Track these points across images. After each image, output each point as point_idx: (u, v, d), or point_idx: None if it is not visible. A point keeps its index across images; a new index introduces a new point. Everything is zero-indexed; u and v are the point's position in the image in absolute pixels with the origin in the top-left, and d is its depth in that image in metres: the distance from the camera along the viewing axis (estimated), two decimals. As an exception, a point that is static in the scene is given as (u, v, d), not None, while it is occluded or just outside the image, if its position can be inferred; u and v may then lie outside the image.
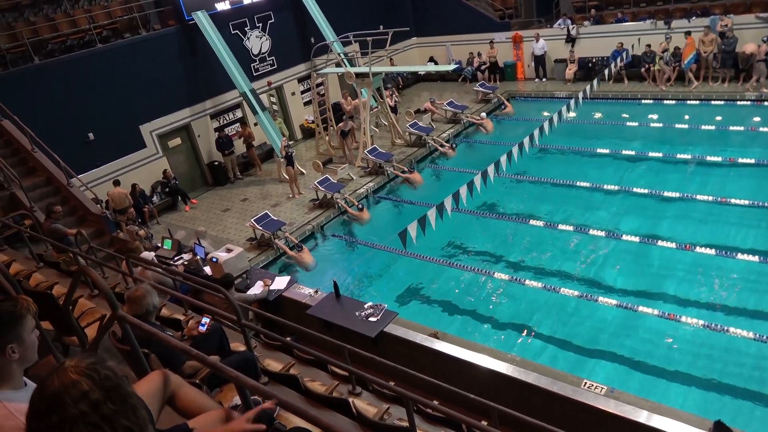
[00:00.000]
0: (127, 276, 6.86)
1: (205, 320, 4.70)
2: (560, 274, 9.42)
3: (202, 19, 14.64)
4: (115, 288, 7.08)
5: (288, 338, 5.81)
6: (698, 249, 9.32)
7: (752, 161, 11.92)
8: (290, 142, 14.80)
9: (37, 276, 6.62)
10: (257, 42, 16.57)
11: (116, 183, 12.56)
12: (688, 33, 15.81)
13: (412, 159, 14.91)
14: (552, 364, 6.96)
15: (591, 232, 10.39)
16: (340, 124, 15.23)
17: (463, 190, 9.58)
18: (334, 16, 17.55)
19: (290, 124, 17.95)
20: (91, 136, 13.06)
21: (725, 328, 7.48)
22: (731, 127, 13.80)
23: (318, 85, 16.58)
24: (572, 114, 13.74)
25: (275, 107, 17.53)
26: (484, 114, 16.59)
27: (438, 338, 6.92)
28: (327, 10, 17.41)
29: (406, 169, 13.70)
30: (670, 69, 16.02)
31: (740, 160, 12.07)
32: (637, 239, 9.88)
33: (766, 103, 14.40)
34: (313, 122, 16.99)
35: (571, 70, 18.08)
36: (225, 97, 15.75)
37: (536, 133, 11.32)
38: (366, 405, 4.61)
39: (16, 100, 11.46)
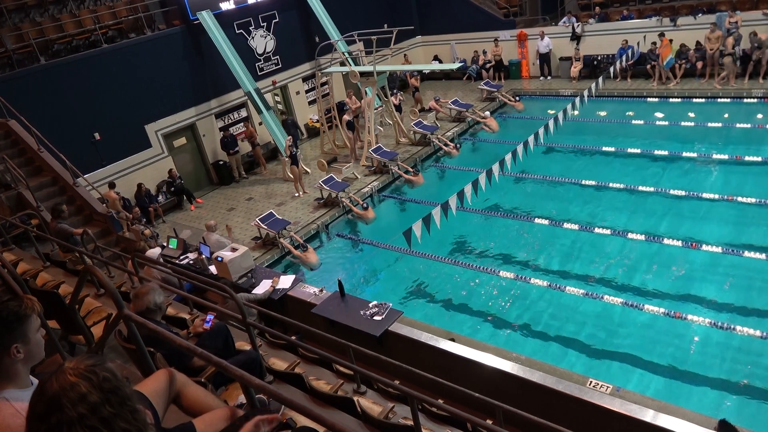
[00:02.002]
0: (133, 275, 6.89)
1: (210, 317, 4.72)
2: (565, 273, 9.40)
3: (206, 18, 14.67)
4: (121, 287, 7.11)
5: (293, 337, 5.82)
6: (704, 247, 9.27)
7: (759, 159, 11.84)
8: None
9: (44, 275, 6.65)
10: (262, 41, 16.59)
11: (111, 186, 12.52)
12: (662, 34, 15.78)
13: (416, 158, 14.90)
14: (557, 363, 6.94)
15: (596, 230, 10.36)
16: (344, 116, 15.25)
17: (468, 189, 9.56)
18: (338, 15, 17.56)
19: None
20: (96, 135, 13.12)
21: (732, 327, 7.44)
22: (738, 125, 13.71)
23: (323, 84, 16.59)
24: (577, 112, 13.69)
25: (280, 106, 17.56)
26: (487, 113, 16.55)
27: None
28: (331, 10, 17.42)
29: (410, 170, 13.68)
30: (735, 66, 15.13)
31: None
32: (642, 237, 9.84)
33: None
34: (317, 121, 17.01)
35: (576, 68, 18.02)
36: (230, 96, 15.79)
37: (541, 131, 11.29)
38: (371, 404, 4.61)
39: (22, 101, 11.53)
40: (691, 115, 14.71)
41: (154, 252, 9.07)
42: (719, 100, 15.03)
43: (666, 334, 7.69)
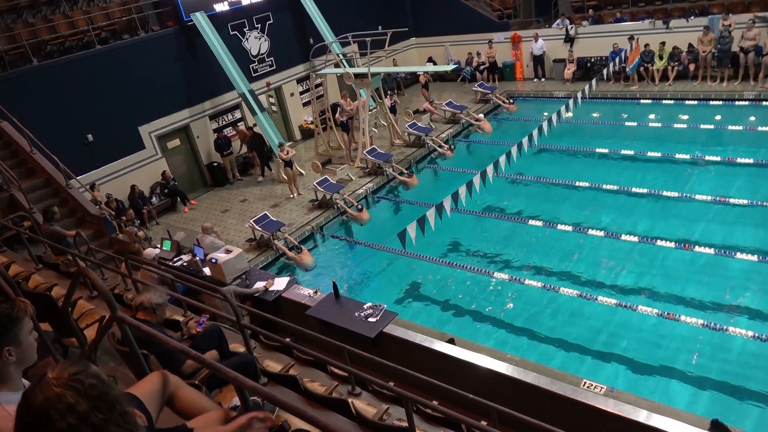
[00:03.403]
0: (127, 277, 6.86)
1: (203, 320, 4.73)
2: (559, 274, 9.42)
3: (200, 20, 14.64)
4: (114, 289, 7.09)
5: (287, 339, 5.81)
6: (697, 248, 9.32)
7: (751, 161, 11.93)
8: (290, 143, 14.83)
9: (37, 277, 6.61)
10: (256, 43, 16.57)
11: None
12: (631, 38, 16.02)
13: (411, 160, 14.92)
14: (551, 364, 6.96)
15: (590, 231, 10.40)
16: (336, 115, 15.22)
17: (462, 191, 9.59)
18: (332, 16, 17.55)
19: (289, 124, 17.96)
20: (90, 137, 13.05)
21: (724, 327, 7.48)
22: (730, 127, 13.81)
23: (317, 86, 16.59)
24: (571, 114, 13.75)
25: (274, 108, 17.54)
26: (481, 115, 16.60)
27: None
28: (326, 11, 17.42)
29: (405, 171, 13.69)
30: None
31: (739, 160, 12.08)
32: (636, 239, 9.88)
33: (764, 103, 14.42)
34: (312, 123, 17.00)
35: (569, 70, 18.09)
36: (224, 98, 15.75)
37: (535, 133, 11.34)
38: (365, 405, 4.61)
39: (15, 102, 11.46)
40: (684, 117, 14.80)
41: (152, 252, 9.02)
42: (711, 102, 15.14)
43: (659, 335, 7.72)
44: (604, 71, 14.84)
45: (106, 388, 1.39)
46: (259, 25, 16.58)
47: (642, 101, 16.23)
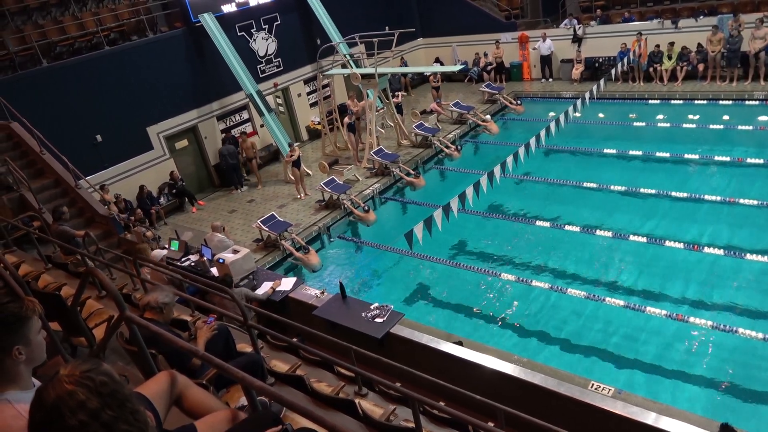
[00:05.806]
0: (135, 277, 6.90)
1: (210, 320, 4.75)
2: (567, 275, 9.39)
3: (208, 21, 14.70)
4: (123, 289, 7.12)
5: (294, 339, 5.82)
6: (706, 249, 9.26)
7: (761, 161, 11.83)
8: (297, 143, 14.82)
9: (46, 277, 6.66)
10: (263, 43, 16.62)
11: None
12: (639, 33, 16.02)
13: (418, 160, 14.91)
14: (558, 365, 6.93)
15: (598, 232, 10.34)
16: (345, 118, 15.23)
17: (470, 191, 9.58)
18: (339, 17, 17.58)
19: (296, 125, 18.00)
20: (98, 138, 13.14)
21: (734, 329, 7.42)
22: (739, 127, 13.70)
23: (324, 87, 16.61)
24: (579, 114, 13.68)
25: (281, 108, 17.58)
26: (488, 116, 16.55)
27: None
28: (333, 12, 17.45)
29: (411, 172, 13.67)
30: None
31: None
32: (644, 239, 9.83)
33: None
34: (318, 123, 17.03)
35: (577, 70, 18.01)
36: (231, 98, 15.81)
37: (543, 133, 11.30)
38: (372, 406, 4.61)
39: (24, 103, 11.55)
40: (693, 117, 14.69)
41: (159, 253, 9.07)
42: (720, 102, 15.03)
43: (668, 336, 7.67)
44: (612, 71, 14.76)
45: (117, 386, 1.40)
46: (267, 26, 16.62)
47: (650, 101, 16.14)
